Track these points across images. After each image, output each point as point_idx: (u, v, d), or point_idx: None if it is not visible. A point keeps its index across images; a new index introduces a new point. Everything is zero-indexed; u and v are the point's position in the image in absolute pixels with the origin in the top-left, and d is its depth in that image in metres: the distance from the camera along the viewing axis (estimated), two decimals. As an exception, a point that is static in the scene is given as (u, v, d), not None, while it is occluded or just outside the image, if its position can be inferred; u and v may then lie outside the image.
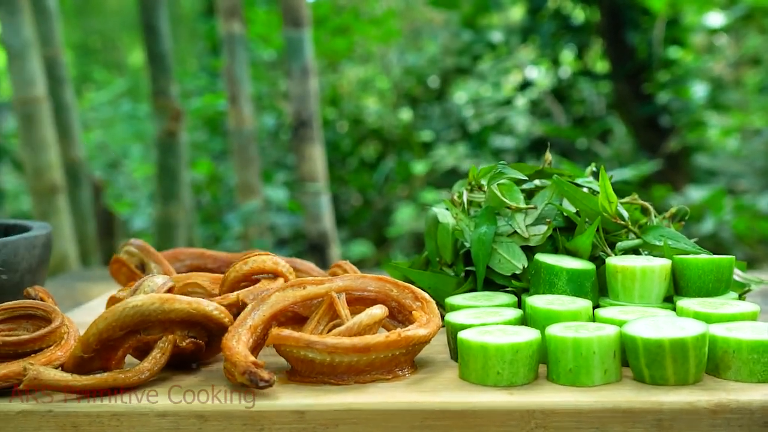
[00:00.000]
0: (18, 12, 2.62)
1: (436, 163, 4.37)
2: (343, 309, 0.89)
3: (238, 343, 0.84)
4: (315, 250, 3.15)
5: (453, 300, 0.99)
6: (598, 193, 1.06)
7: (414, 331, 0.85)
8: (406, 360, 0.86)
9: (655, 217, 1.09)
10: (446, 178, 4.41)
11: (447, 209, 1.12)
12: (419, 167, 4.37)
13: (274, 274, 0.99)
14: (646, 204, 1.09)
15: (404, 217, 4.05)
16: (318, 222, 3.14)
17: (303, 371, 0.85)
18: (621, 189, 1.15)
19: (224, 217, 4.22)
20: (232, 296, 0.93)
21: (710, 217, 3.79)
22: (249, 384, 0.80)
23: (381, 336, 0.84)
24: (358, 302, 0.93)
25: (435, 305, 0.92)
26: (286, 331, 0.84)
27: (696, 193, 3.89)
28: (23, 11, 2.62)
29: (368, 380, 0.84)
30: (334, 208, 3.52)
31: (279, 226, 4.17)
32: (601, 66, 5.08)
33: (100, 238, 3.38)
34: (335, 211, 3.55)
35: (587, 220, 1.03)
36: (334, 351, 0.82)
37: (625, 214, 1.04)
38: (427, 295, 0.92)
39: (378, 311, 0.87)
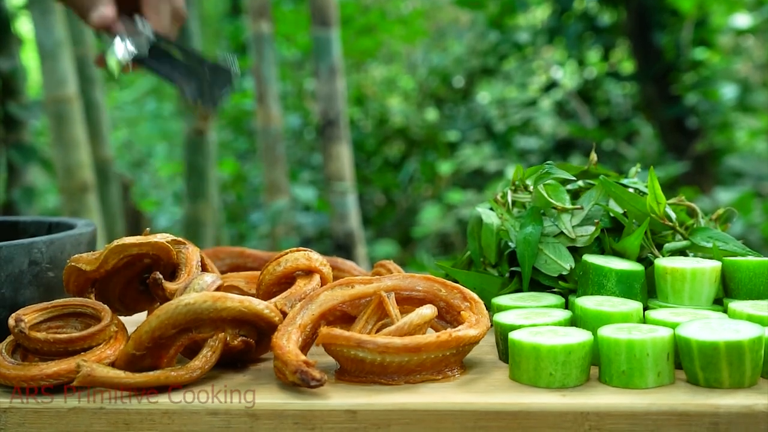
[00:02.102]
0: (50, 12, 2.64)
1: (462, 163, 4.37)
2: (393, 309, 0.88)
3: (288, 341, 0.84)
4: (341, 250, 3.15)
5: (500, 300, 0.99)
6: (644, 193, 1.05)
7: (465, 331, 0.85)
8: (456, 360, 0.86)
9: (703, 218, 1.08)
10: (471, 179, 4.40)
11: (491, 209, 1.11)
12: (444, 167, 4.37)
13: (309, 271, 0.98)
14: (693, 205, 1.08)
15: (429, 217, 4.04)
16: (344, 222, 3.14)
17: (352, 371, 0.84)
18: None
19: (249, 216, 4.23)
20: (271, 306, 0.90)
21: (738, 219, 3.77)
22: (300, 383, 0.79)
23: (432, 336, 0.83)
24: (406, 302, 0.92)
25: (483, 306, 0.91)
26: (337, 330, 0.83)
27: (724, 196, 3.86)
28: (55, 11, 2.64)
29: (418, 380, 0.84)
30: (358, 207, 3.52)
31: (304, 226, 4.17)
32: (628, 67, 5.05)
33: (128, 237, 3.39)
34: (359, 211, 3.55)
35: (635, 221, 1.02)
36: (385, 351, 0.82)
37: (673, 215, 1.03)
38: (475, 296, 0.92)
39: (428, 311, 0.87)
